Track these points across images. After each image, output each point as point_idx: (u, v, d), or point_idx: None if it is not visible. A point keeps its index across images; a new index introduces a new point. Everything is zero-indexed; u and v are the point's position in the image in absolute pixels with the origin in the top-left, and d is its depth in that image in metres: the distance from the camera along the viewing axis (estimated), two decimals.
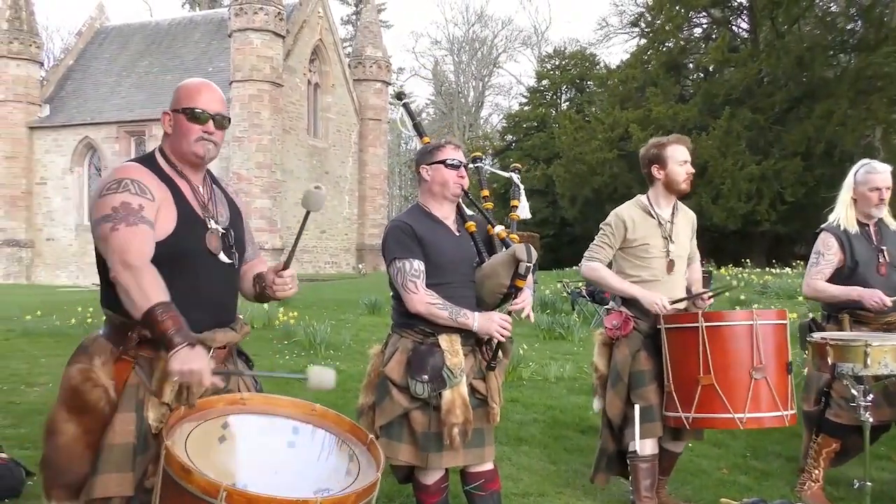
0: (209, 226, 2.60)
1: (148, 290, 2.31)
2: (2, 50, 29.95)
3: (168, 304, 2.31)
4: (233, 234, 2.69)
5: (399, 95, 4.16)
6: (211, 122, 2.59)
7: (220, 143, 2.65)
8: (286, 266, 2.67)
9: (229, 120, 2.70)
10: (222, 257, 2.62)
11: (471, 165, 3.71)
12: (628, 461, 4.01)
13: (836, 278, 4.34)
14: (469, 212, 3.65)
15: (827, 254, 4.33)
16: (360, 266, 32.70)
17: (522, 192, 3.81)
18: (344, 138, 33.18)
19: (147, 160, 2.64)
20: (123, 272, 2.34)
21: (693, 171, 4.11)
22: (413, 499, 3.66)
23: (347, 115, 33.34)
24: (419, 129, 3.92)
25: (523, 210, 3.79)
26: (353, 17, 52.44)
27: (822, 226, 4.47)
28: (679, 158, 4.07)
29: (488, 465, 3.50)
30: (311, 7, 30.93)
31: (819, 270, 4.34)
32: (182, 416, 2.33)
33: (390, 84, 37.22)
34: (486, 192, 3.73)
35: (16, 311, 13.29)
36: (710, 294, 4.37)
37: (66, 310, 13.52)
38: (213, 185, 2.75)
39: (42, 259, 30.68)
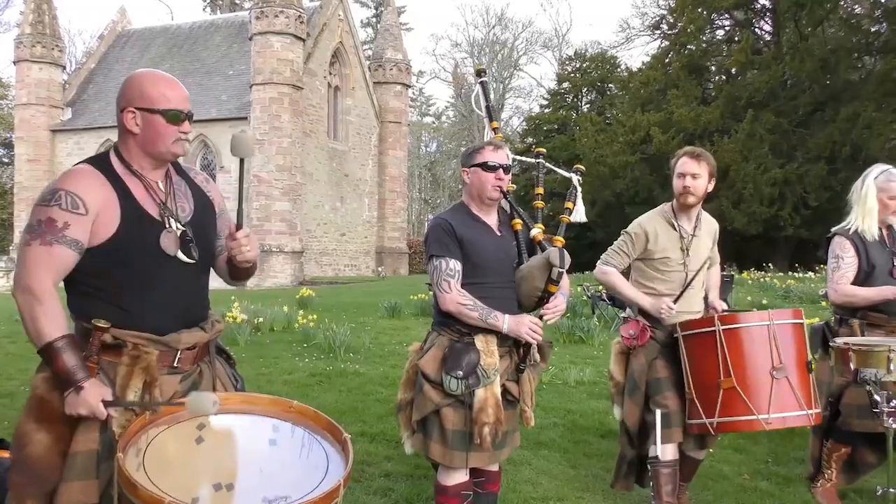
0: (166, 226, 2.52)
1: (47, 322, 2.31)
2: (25, 53, 30.44)
3: (67, 337, 2.31)
4: (193, 230, 2.58)
5: (479, 73, 4.00)
6: (186, 122, 2.56)
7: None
8: (238, 227, 2.58)
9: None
10: (181, 256, 2.52)
11: (532, 161, 3.67)
12: (649, 466, 3.97)
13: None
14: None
15: (846, 256, 4.25)
16: (380, 269, 32.71)
17: (580, 194, 3.67)
18: (364, 141, 33.30)
19: (99, 160, 2.58)
20: (21, 295, 2.35)
21: (690, 185, 3.91)
22: (432, 502, 3.64)
23: (367, 117, 33.45)
24: (490, 112, 3.84)
25: (578, 213, 3.65)
26: (373, 19, 52.69)
27: (834, 230, 4.41)
28: (678, 170, 3.97)
29: (494, 467, 3.54)
30: (332, 10, 31.08)
31: (842, 275, 4.25)
32: (147, 422, 2.26)
33: (410, 87, 37.28)
34: (539, 190, 3.64)
35: None
36: (726, 309, 4.17)
37: None
38: (180, 178, 2.68)
39: None
